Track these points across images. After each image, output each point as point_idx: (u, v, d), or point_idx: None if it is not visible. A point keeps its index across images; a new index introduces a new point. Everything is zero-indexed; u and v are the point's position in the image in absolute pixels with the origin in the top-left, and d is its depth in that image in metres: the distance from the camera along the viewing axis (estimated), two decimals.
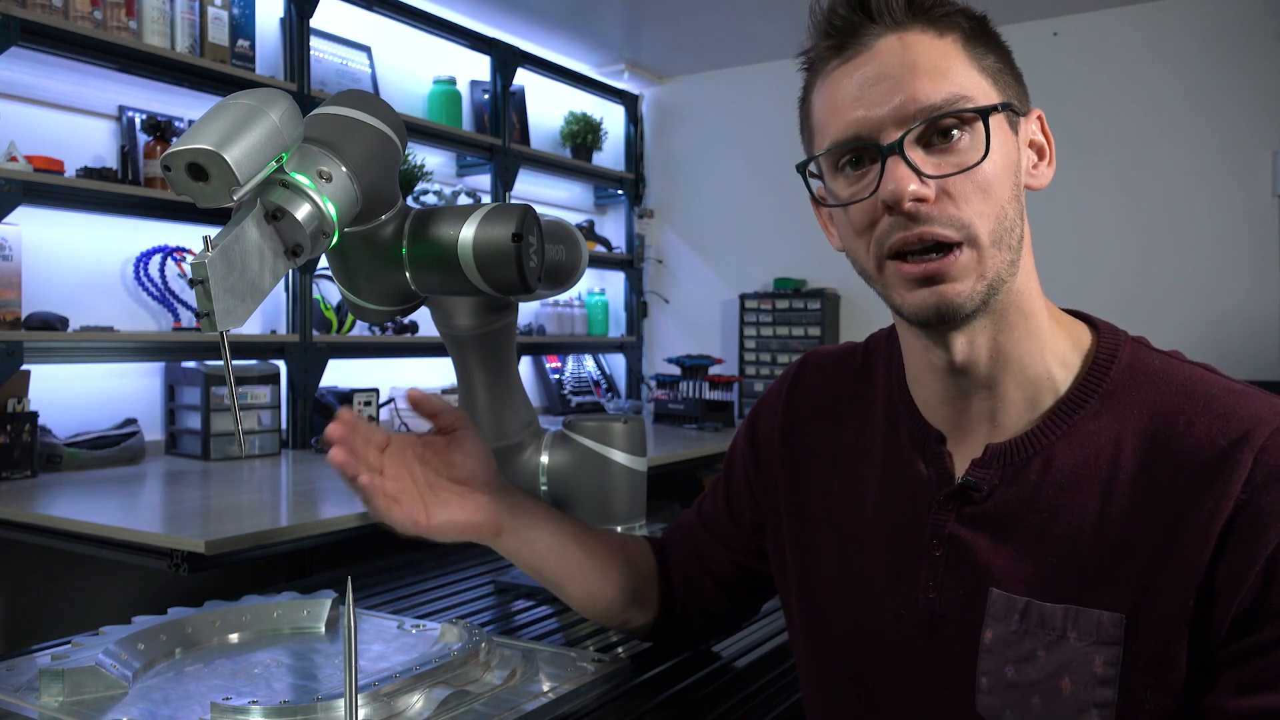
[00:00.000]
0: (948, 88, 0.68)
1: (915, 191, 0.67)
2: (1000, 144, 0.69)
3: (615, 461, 1.20)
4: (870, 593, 0.78)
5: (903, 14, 0.70)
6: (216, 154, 0.69)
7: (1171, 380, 0.70)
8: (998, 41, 0.73)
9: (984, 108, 0.68)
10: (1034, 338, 0.72)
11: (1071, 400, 0.71)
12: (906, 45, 0.69)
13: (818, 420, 0.87)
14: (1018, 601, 0.69)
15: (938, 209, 0.67)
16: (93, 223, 2.21)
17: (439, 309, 1.09)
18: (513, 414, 1.16)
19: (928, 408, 0.78)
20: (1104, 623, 0.66)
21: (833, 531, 0.82)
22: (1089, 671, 0.66)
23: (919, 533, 0.75)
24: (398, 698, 0.79)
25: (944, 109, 0.68)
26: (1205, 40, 2.94)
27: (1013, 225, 0.70)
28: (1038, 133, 0.75)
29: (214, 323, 0.71)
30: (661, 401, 3.21)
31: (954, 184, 0.68)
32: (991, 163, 0.68)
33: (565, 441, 1.20)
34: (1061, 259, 2.95)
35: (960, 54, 0.70)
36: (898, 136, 0.68)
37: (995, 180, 0.69)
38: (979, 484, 0.73)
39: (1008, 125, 0.71)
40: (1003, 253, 0.69)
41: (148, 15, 2.18)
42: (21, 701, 0.80)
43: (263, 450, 2.29)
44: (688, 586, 0.97)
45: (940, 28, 0.70)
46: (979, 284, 0.68)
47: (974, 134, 0.68)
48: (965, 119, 0.68)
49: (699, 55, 3.66)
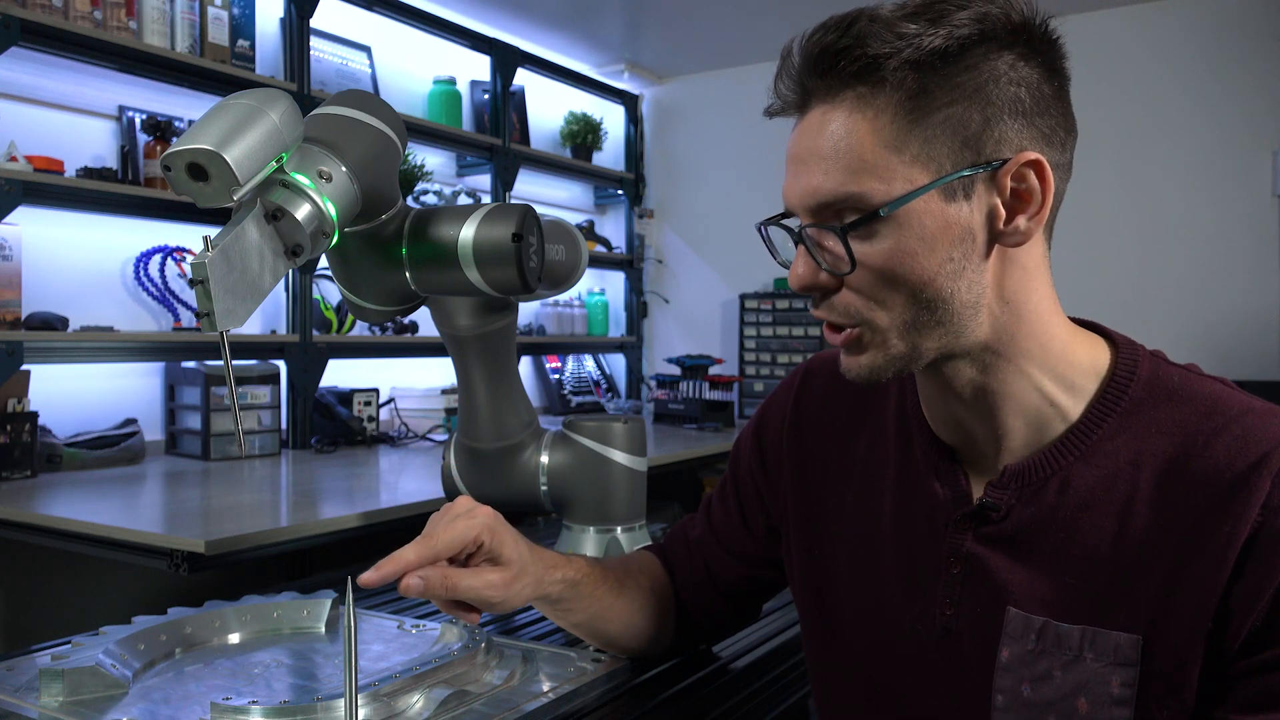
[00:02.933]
0: (837, 182, 0.66)
1: (806, 285, 0.69)
2: (916, 226, 0.65)
3: (615, 461, 1.20)
4: (884, 607, 0.78)
5: (836, 81, 0.66)
6: (216, 154, 0.69)
7: (1191, 398, 0.69)
8: (973, 83, 0.64)
9: (869, 214, 0.65)
10: (1025, 377, 0.71)
11: (1089, 420, 0.70)
12: (824, 124, 0.67)
13: (827, 429, 0.86)
14: (1035, 621, 0.69)
15: (839, 297, 0.69)
16: (93, 223, 2.20)
17: (439, 309, 1.09)
18: (513, 414, 1.16)
19: (938, 426, 0.77)
20: (1121, 644, 0.66)
21: (846, 544, 0.82)
22: (1106, 692, 0.66)
23: (935, 550, 0.75)
24: (398, 698, 0.79)
25: (837, 206, 0.67)
26: (1205, 40, 2.94)
27: (942, 301, 0.67)
28: (1026, 181, 0.66)
29: (214, 323, 0.71)
30: (661, 401, 3.21)
31: (852, 277, 0.68)
32: (891, 253, 0.66)
33: (565, 441, 1.19)
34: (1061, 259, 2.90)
35: (885, 129, 0.65)
36: (803, 224, 0.69)
37: (904, 266, 0.66)
38: (997, 504, 0.72)
39: (940, 198, 0.65)
40: (918, 334, 0.68)
41: (148, 15, 2.18)
42: (21, 701, 0.80)
43: (263, 450, 2.29)
44: (692, 594, 0.97)
45: (874, 94, 0.65)
46: (881, 358, 0.70)
47: (884, 225, 0.66)
48: (864, 215, 0.66)
49: (699, 55, 3.66)
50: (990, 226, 0.67)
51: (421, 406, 2.77)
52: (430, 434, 2.65)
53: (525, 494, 1.20)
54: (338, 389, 2.58)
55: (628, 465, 1.20)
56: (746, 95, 3.74)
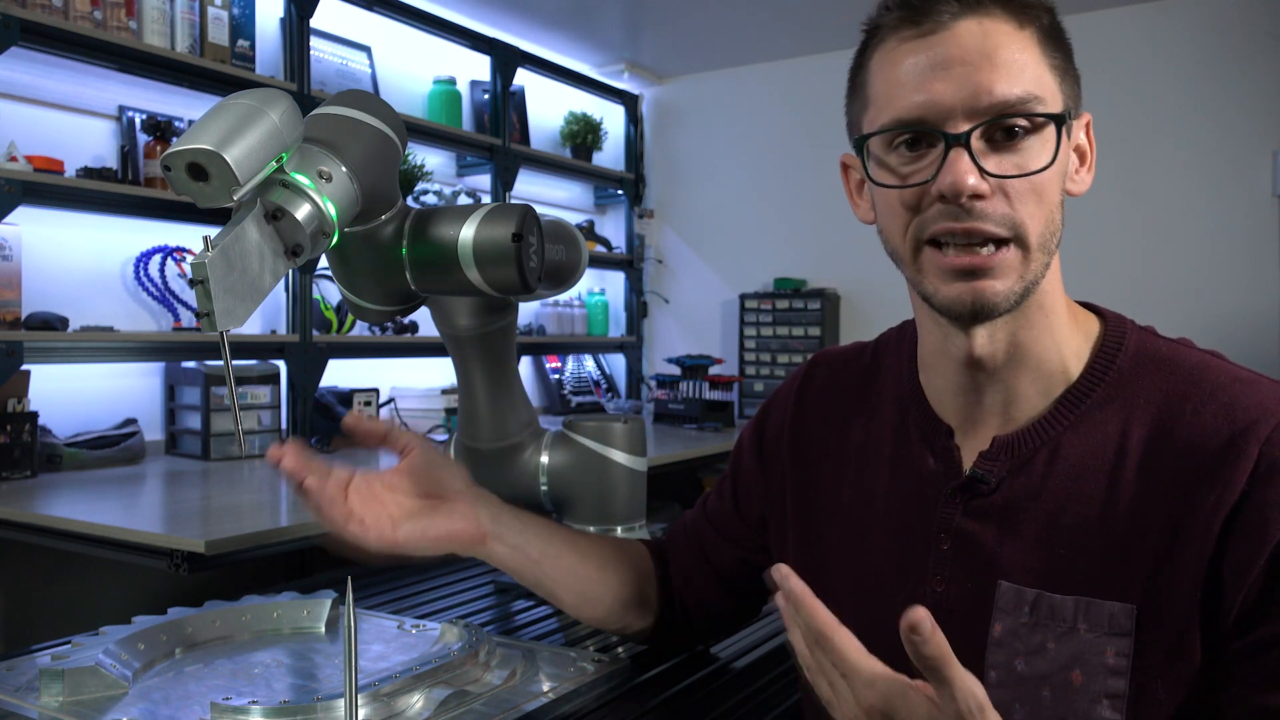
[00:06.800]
0: (1023, 85, 0.66)
1: (975, 186, 0.66)
2: (1061, 151, 0.68)
3: (615, 461, 1.20)
4: (877, 586, 0.78)
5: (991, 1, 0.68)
6: (216, 154, 0.69)
7: (1179, 367, 0.70)
8: (1066, 40, 0.71)
9: (1056, 114, 0.67)
10: (1051, 333, 0.72)
11: (1079, 390, 0.71)
12: (987, 32, 0.67)
13: (826, 421, 0.87)
14: (1027, 594, 0.69)
15: (991, 205, 0.67)
16: (93, 223, 2.21)
17: (439, 309, 1.09)
18: (513, 414, 1.16)
19: (939, 400, 0.78)
20: (1115, 614, 0.66)
21: (842, 527, 0.82)
22: (1100, 663, 0.66)
23: (926, 526, 0.75)
24: (398, 698, 0.79)
25: (1017, 108, 0.66)
26: (1205, 40, 2.94)
27: (1057, 229, 0.70)
28: (1083, 137, 0.73)
29: (214, 323, 0.71)
30: (661, 401, 3.21)
31: (1012, 184, 0.67)
32: (1051, 169, 0.68)
33: (565, 441, 1.19)
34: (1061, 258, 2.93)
35: (1037, 50, 0.68)
36: (966, 128, 0.66)
37: (1050, 185, 0.68)
38: (986, 476, 0.72)
39: (1065, 131, 0.69)
40: (1044, 256, 0.69)
41: (148, 15, 2.18)
42: (21, 701, 0.80)
43: (263, 450, 2.28)
44: (690, 586, 0.97)
45: (1021, 19, 0.68)
46: (1018, 284, 0.68)
47: (1039, 137, 0.67)
48: (1035, 122, 0.67)
49: (699, 55, 3.66)
50: (1069, 173, 0.72)
51: (421, 406, 2.77)
52: (430, 434, 2.65)
53: (525, 494, 1.20)
54: (338, 389, 2.59)
55: (628, 465, 1.20)
56: (746, 95, 3.75)
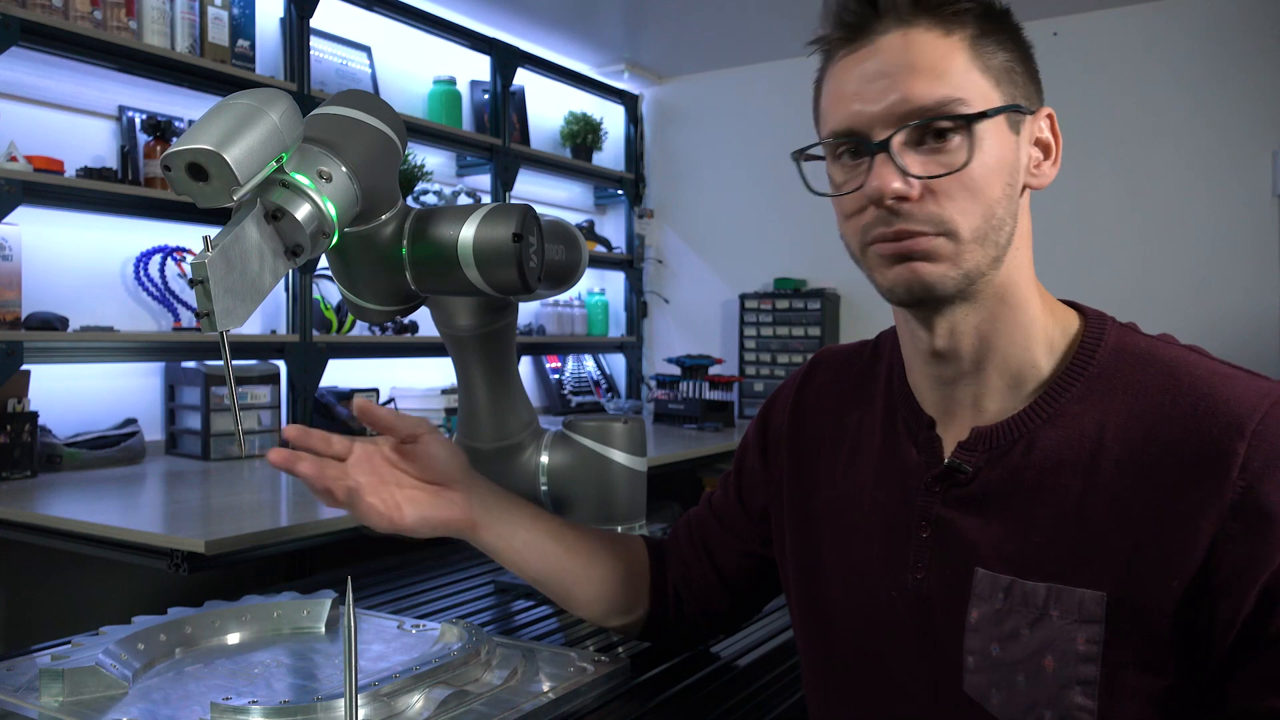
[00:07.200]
0: (942, 90, 0.69)
1: (897, 190, 0.69)
2: (994, 146, 0.70)
3: (615, 461, 1.20)
4: (865, 576, 0.79)
5: (909, 10, 0.70)
6: (216, 154, 0.69)
7: (1156, 361, 0.71)
8: (1014, 37, 0.73)
9: (973, 114, 0.69)
10: (1020, 328, 0.74)
11: (1057, 385, 0.72)
12: (909, 43, 0.70)
13: (826, 411, 0.89)
14: (1002, 580, 0.70)
15: (919, 207, 0.69)
16: (93, 223, 2.21)
17: (439, 309, 1.09)
18: (513, 414, 1.16)
19: (920, 394, 0.80)
20: (1086, 601, 0.67)
21: (834, 519, 0.84)
22: (1071, 649, 0.67)
23: (908, 515, 0.77)
24: (398, 698, 0.79)
25: (935, 112, 0.69)
26: (1205, 40, 2.94)
27: (1000, 223, 0.71)
28: (1046, 131, 0.75)
29: (214, 323, 0.71)
30: (661, 401, 3.21)
31: (940, 183, 0.69)
32: (981, 165, 0.69)
33: (565, 441, 1.19)
34: (1062, 258, 2.94)
35: (964, 53, 0.70)
36: (886, 135, 0.69)
37: (984, 181, 0.69)
38: (964, 466, 0.74)
39: (1007, 126, 0.71)
40: (984, 249, 0.70)
41: (148, 15, 2.18)
42: (21, 701, 0.80)
43: (263, 450, 2.29)
44: (688, 582, 0.97)
45: (948, 25, 0.70)
46: (953, 270, 0.70)
47: (966, 136, 0.69)
48: (960, 123, 0.69)
49: (699, 55, 3.66)
50: (1025, 167, 0.73)
51: (421, 406, 2.77)
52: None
53: (525, 494, 1.20)
54: (338, 389, 2.59)
55: (628, 465, 1.20)
56: (746, 95, 3.75)
